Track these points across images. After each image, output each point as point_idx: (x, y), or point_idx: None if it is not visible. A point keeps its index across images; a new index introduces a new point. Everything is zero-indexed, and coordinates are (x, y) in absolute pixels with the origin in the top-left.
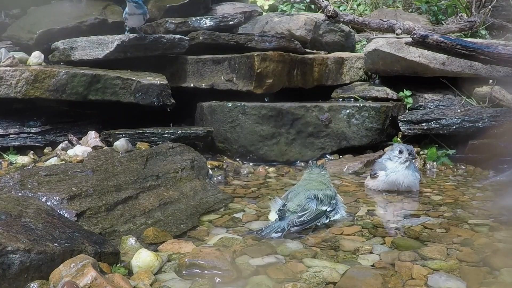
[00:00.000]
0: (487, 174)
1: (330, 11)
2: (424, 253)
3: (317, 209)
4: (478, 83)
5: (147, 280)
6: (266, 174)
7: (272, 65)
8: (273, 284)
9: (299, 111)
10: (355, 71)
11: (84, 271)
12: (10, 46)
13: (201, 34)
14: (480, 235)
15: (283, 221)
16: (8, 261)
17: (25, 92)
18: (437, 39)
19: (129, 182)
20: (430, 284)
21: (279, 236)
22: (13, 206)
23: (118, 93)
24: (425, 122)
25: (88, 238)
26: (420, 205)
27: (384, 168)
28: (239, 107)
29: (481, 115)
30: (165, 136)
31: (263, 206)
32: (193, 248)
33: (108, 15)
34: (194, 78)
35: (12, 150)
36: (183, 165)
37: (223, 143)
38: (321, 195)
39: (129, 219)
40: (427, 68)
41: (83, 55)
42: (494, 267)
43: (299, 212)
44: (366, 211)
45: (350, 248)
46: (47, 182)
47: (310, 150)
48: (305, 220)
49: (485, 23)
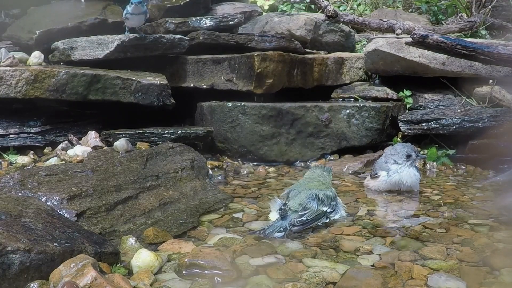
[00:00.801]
0: (487, 174)
1: (330, 11)
2: (424, 253)
3: (318, 209)
4: (478, 83)
5: (147, 280)
6: (266, 174)
7: (272, 65)
8: (273, 284)
9: (299, 111)
10: (355, 71)
11: (84, 271)
12: (10, 46)
13: (201, 34)
14: (480, 235)
15: (284, 220)
16: (8, 261)
17: (25, 92)
18: (437, 39)
19: (129, 182)
20: (430, 284)
21: (281, 235)
22: (13, 206)
23: (118, 93)
24: (425, 122)
25: (88, 238)
26: (420, 205)
27: (386, 168)
28: (239, 107)
29: (481, 115)
30: (165, 136)
31: (263, 206)
32: (193, 248)
33: (108, 15)
34: (194, 78)
35: (12, 150)
36: (183, 165)
37: (223, 143)
38: (322, 195)
39: (129, 219)
40: (427, 68)
41: (83, 55)
42: (494, 267)
43: (300, 211)
44: (366, 211)
45: (350, 248)
46: (47, 182)
47: (310, 150)
48: (306, 220)
49: (485, 23)
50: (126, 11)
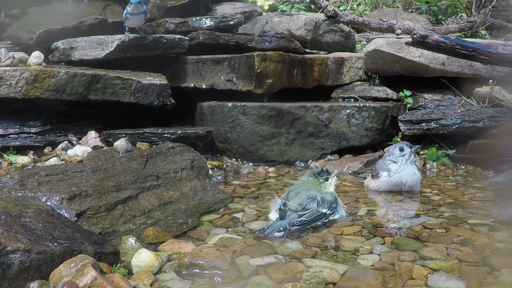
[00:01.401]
0: (487, 174)
1: (330, 11)
2: (424, 253)
3: (318, 211)
4: (478, 83)
5: (147, 280)
6: (266, 174)
7: (272, 65)
8: (273, 284)
9: (299, 111)
10: (355, 71)
11: (84, 271)
12: (10, 46)
13: (201, 34)
14: (480, 235)
15: (284, 220)
16: (8, 261)
17: (25, 92)
18: (437, 39)
19: (129, 182)
20: (430, 284)
21: (281, 235)
22: (13, 206)
23: (118, 93)
24: (425, 122)
25: (88, 238)
26: (420, 205)
27: (387, 169)
28: (239, 107)
29: (481, 115)
30: (165, 136)
31: (263, 206)
32: (193, 248)
33: (108, 15)
34: (194, 78)
35: (12, 150)
36: (183, 165)
37: (223, 143)
38: (322, 196)
39: (129, 219)
40: (427, 68)
41: (83, 55)
42: (494, 267)
43: (300, 211)
44: (366, 211)
45: (350, 248)
46: (47, 182)
47: (310, 150)
48: (305, 221)
49: (485, 23)
50: (126, 11)
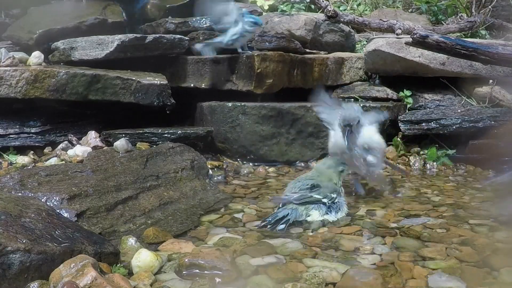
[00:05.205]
0: (487, 174)
1: (330, 11)
2: (424, 253)
3: (312, 197)
4: (478, 83)
5: (147, 280)
6: (266, 174)
7: (272, 65)
8: (273, 284)
9: (299, 111)
10: (355, 71)
11: (84, 271)
12: (10, 46)
13: (201, 34)
14: (480, 235)
15: (284, 208)
16: (8, 261)
17: (25, 92)
18: (437, 39)
19: (129, 182)
20: (430, 284)
21: (283, 228)
22: (13, 206)
23: (118, 93)
24: (425, 122)
25: (88, 238)
26: (420, 205)
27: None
28: (239, 107)
29: (481, 115)
30: (165, 136)
31: (263, 206)
32: (193, 248)
33: (108, 15)
34: (194, 78)
35: (12, 150)
36: (183, 165)
37: (223, 143)
38: (319, 184)
39: (129, 219)
40: (427, 68)
41: (83, 55)
42: (494, 267)
43: (294, 192)
44: (366, 211)
45: (350, 248)
46: (47, 182)
47: (310, 150)
48: (297, 198)
49: (485, 23)
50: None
